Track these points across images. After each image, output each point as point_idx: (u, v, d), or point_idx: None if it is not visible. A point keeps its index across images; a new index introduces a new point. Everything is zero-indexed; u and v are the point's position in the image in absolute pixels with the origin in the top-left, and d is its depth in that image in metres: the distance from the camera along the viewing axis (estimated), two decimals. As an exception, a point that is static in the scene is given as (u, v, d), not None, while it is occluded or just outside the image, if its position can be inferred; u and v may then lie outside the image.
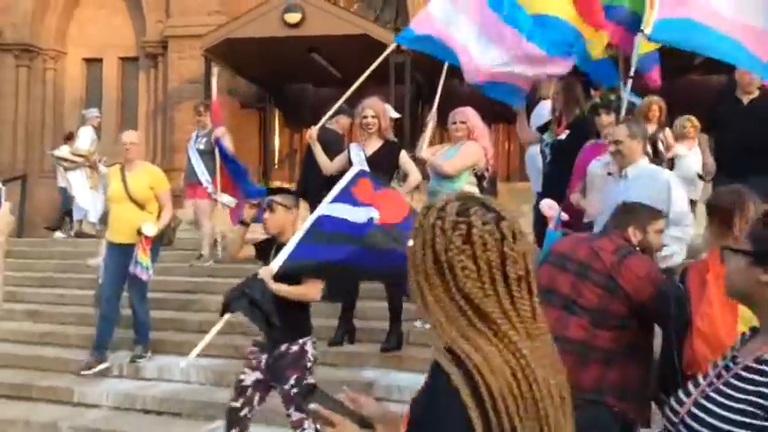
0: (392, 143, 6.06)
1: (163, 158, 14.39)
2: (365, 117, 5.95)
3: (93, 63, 15.92)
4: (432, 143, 6.36)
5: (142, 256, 6.35)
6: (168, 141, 14.59)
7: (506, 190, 10.73)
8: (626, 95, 5.29)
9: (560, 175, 5.49)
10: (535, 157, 6.61)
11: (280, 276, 4.05)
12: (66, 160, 11.86)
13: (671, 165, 7.82)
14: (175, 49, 14.45)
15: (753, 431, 1.56)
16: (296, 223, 4.36)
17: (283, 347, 4.06)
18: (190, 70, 14.14)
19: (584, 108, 6.05)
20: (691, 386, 1.84)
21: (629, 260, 3.12)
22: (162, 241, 6.86)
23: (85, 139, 11.87)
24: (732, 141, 6.20)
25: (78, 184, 11.79)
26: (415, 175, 5.92)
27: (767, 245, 1.67)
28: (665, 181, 4.56)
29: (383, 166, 5.80)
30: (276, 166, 15.59)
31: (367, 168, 5.61)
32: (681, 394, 1.83)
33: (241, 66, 13.74)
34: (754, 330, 1.83)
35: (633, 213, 3.37)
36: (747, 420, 1.57)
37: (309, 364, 4.10)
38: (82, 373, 6.43)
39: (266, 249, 4.34)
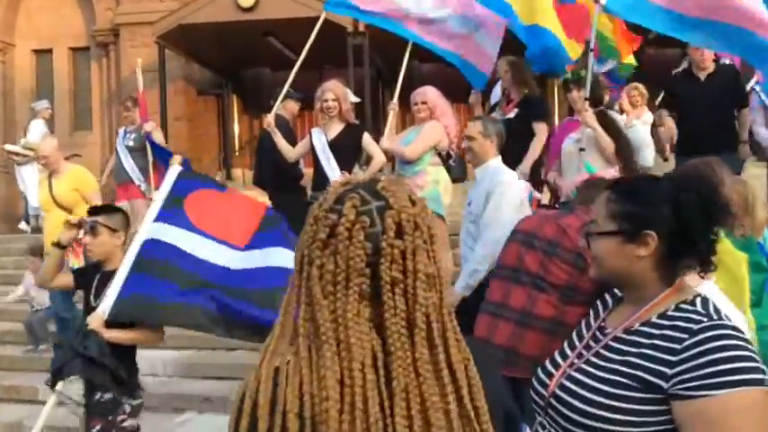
0: (354, 126, 6.00)
1: (120, 149, 14.09)
2: (326, 101, 5.85)
3: (43, 54, 15.48)
4: (398, 130, 6.34)
5: (74, 260, 5.96)
6: (124, 132, 14.29)
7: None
8: (592, 66, 5.33)
9: (509, 153, 5.50)
10: None
11: (113, 318, 3.43)
12: (17, 155, 11.56)
13: None
14: (127, 38, 14.14)
15: (623, 401, 1.56)
16: (124, 247, 3.73)
17: (97, 395, 3.53)
18: (143, 58, 13.83)
19: (533, 86, 6.10)
20: (558, 357, 1.83)
21: None
22: None
23: (36, 132, 11.56)
24: (694, 120, 6.25)
25: (30, 179, 11.49)
26: (379, 158, 5.82)
27: (633, 223, 1.68)
28: (484, 187, 4.26)
29: (346, 150, 5.77)
30: (237, 153, 15.41)
31: (330, 153, 5.58)
32: (548, 366, 1.82)
33: (196, 52, 13.50)
34: (615, 299, 1.86)
35: (598, 188, 3.40)
36: (618, 392, 1.58)
37: (121, 419, 3.54)
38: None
39: (88, 278, 3.76)
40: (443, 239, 5.52)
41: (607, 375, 1.62)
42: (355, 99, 7.40)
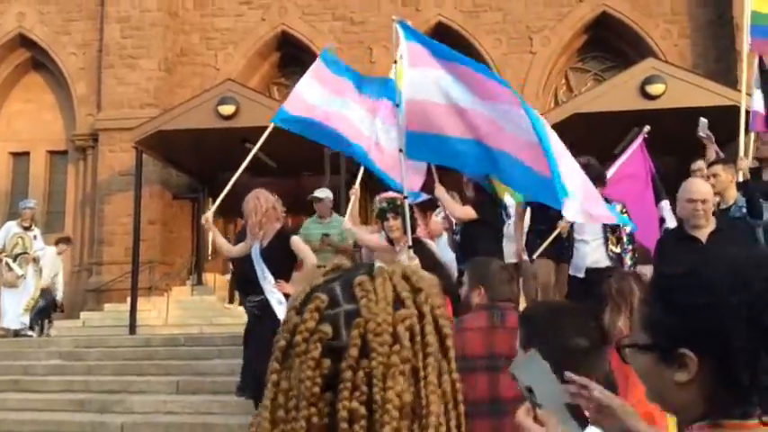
0: (285, 232, 5.89)
1: (91, 252, 13.94)
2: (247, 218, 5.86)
3: (21, 156, 15.56)
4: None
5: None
6: (97, 234, 14.19)
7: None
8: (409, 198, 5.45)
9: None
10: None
11: None
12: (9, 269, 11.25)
13: None
14: (106, 142, 14.29)
15: None
16: None
17: None
18: (120, 162, 13.96)
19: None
20: None
21: None
22: None
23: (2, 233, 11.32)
24: None
25: None
26: (310, 260, 5.73)
27: (665, 332, 1.20)
28: None
29: (277, 258, 5.68)
30: (210, 258, 15.27)
31: (262, 261, 5.59)
32: None
33: (173, 157, 13.63)
34: None
35: (484, 266, 3.49)
36: None
37: None
38: None
39: None
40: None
41: None
42: (323, 195, 7.54)
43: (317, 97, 5.99)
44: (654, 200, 6.79)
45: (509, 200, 6.81)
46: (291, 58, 15.69)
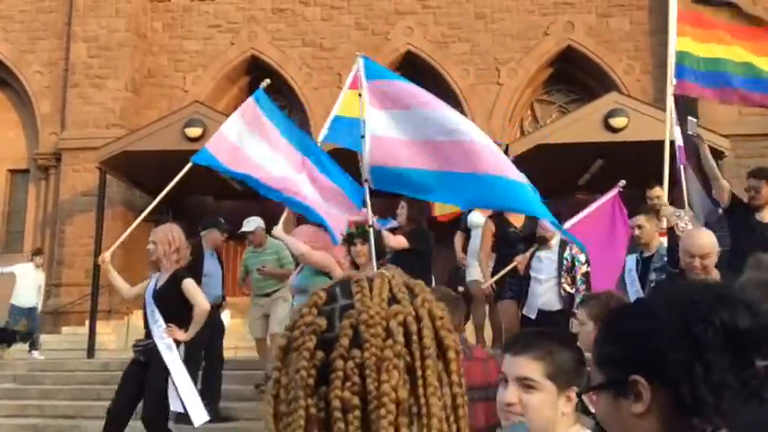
0: (179, 273, 5.39)
1: (51, 272, 13.65)
2: (147, 245, 5.56)
3: (-20, 175, 15.26)
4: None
5: None
6: (57, 255, 13.91)
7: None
8: (378, 224, 5.59)
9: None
10: None
11: None
12: None
13: None
14: (69, 162, 14.08)
15: None
16: None
17: None
18: (84, 182, 13.76)
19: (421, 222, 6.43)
20: None
21: None
22: None
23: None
24: None
25: None
26: (200, 306, 5.30)
27: (615, 365, 1.20)
28: None
29: (169, 301, 5.28)
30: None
31: (152, 302, 5.27)
32: None
33: (138, 178, 13.46)
34: None
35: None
36: None
37: None
38: None
39: None
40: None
41: None
42: (252, 228, 7.61)
43: (242, 138, 5.99)
44: (624, 253, 6.58)
45: (477, 218, 6.85)
46: (261, 82, 15.67)
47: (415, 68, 14.40)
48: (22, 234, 14.78)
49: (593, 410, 1.53)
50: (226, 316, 7.72)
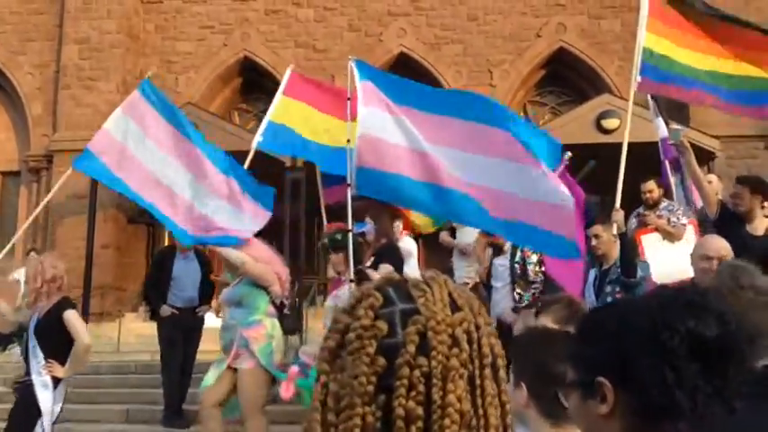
0: (60, 305, 4.86)
1: (41, 276, 13.55)
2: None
3: (-30, 176, 15.18)
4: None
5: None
6: (48, 258, 13.84)
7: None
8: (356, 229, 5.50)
9: None
10: None
11: None
12: None
13: None
14: (60, 164, 13.99)
15: None
16: None
17: None
18: (75, 185, 13.66)
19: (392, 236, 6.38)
20: None
21: None
22: None
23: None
24: None
25: None
26: (81, 340, 4.76)
27: (584, 364, 1.22)
28: None
29: (51, 335, 4.79)
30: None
31: (33, 336, 4.82)
32: None
33: (131, 181, 13.41)
34: None
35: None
36: None
37: None
38: None
39: None
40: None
41: None
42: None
43: (124, 133, 5.90)
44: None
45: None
46: (253, 83, 15.68)
47: (407, 70, 14.39)
48: (12, 236, 14.69)
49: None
50: (210, 317, 7.63)
